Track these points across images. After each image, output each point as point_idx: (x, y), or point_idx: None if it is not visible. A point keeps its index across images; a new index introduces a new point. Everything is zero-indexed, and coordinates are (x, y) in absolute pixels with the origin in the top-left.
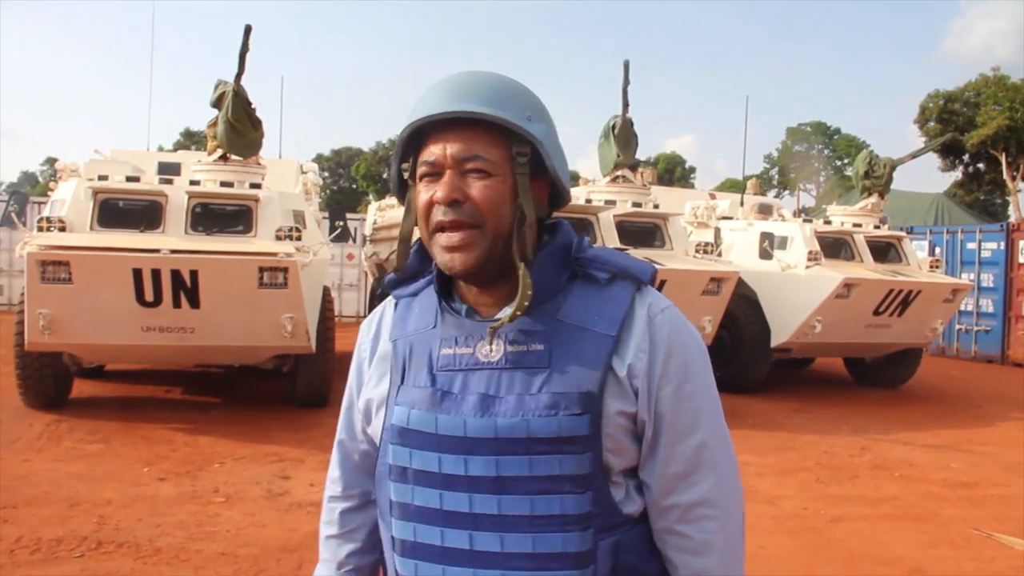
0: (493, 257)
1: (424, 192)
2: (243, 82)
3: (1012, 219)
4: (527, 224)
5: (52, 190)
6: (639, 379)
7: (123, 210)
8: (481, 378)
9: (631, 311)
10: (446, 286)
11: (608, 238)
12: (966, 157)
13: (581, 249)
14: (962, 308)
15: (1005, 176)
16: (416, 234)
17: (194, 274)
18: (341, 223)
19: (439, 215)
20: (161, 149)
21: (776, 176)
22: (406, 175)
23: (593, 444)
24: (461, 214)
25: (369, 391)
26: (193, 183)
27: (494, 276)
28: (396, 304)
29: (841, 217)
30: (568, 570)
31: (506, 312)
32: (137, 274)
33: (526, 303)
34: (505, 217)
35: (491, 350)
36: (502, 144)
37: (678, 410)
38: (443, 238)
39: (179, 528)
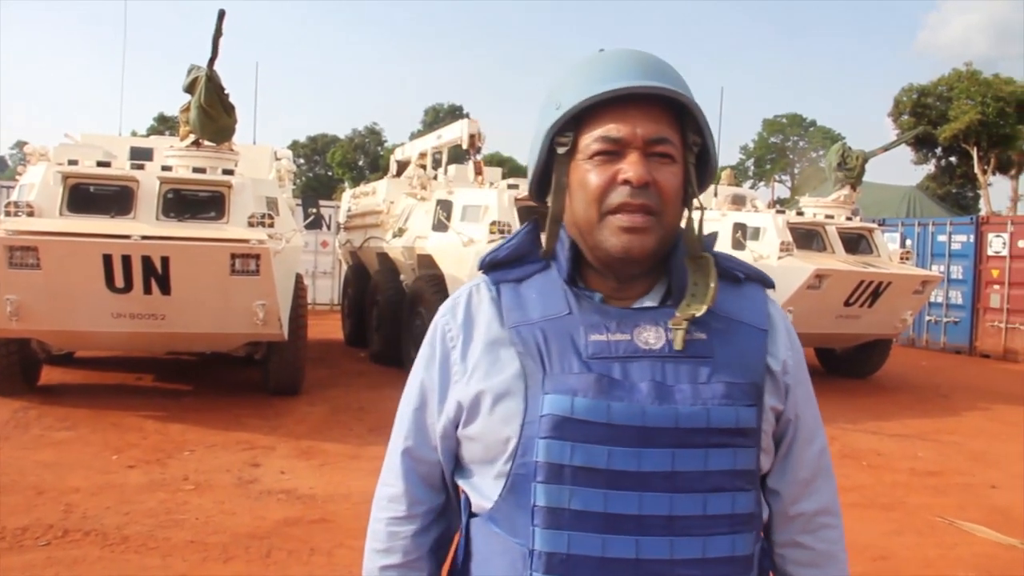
0: (662, 247)
1: (597, 170)
2: (216, 67)
3: (983, 212)
4: (699, 218)
5: (21, 174)
6: (790, 376)
7: (93, 195)
8: (644, 367)
9: (770, 311)
10: (572, 272)
11: None
12: (939, 150)
13: (711, 248)
14: (932, 300)
15: (976, 170)
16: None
17: (165, 260)
18: (314, 210)
19: (623, 196)
20: (135, 134)
21: (752, 167)
22: (562, 150)
23: (758, 439)
24: (648, 198)
25: (475, 383)
26: (165, 168)
27: (646, 270)
28: (497, 290)
29: (813, 208)
30: None
31: (698, 306)
32: (107, 260)
33: (715, 295)
34: (678, 206)
35: (651, 336)
36: (678, 129)
37: (807, 413)
38: (623, 219)
39: (148, 516)
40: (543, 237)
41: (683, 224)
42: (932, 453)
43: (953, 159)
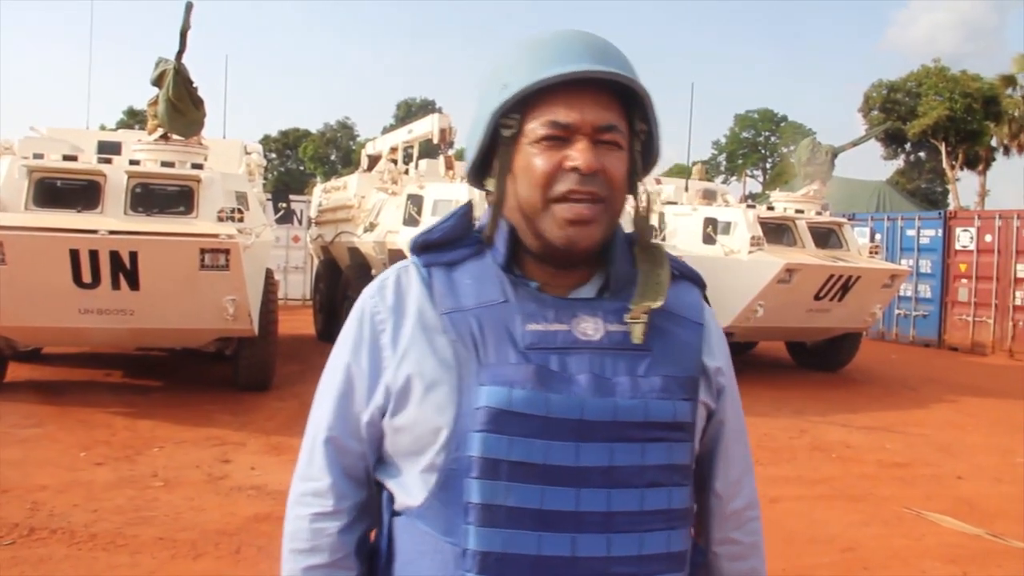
0: (605, 237)
1: (543, 156)
2: (185, 60)
3: (951, 207)
4: (647, 207)
5: None
6: (724, 377)
7: (60, 189)
8: (583, 359)
9: (702, 310)
10: (509, 258)
11: None
12: (908, 146)
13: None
14: (901, 293)
15: (945, 165)
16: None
17: (133, 255)
18: (285, 205)
19: (571, 183)
20: (103, 128)
21: (724, 162)
22: (507, 133)
23: (693, 434)
24: (596, 186)
25: (406, 368)
26: (133, 163)
27: (590, 258)
28: (428, 272)
29: (784, 203)
30: (669, 573)
31: (651, 298)
32: (74, 255)
33: (667, 286)
34: (623, 195)
35: (589, 327)
36: (626, 117)
37: (736, 414)
38: (569, 210)
39: (116, 513)
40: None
41: (635, 213)
42: (900, 445)
43: (922, 154)
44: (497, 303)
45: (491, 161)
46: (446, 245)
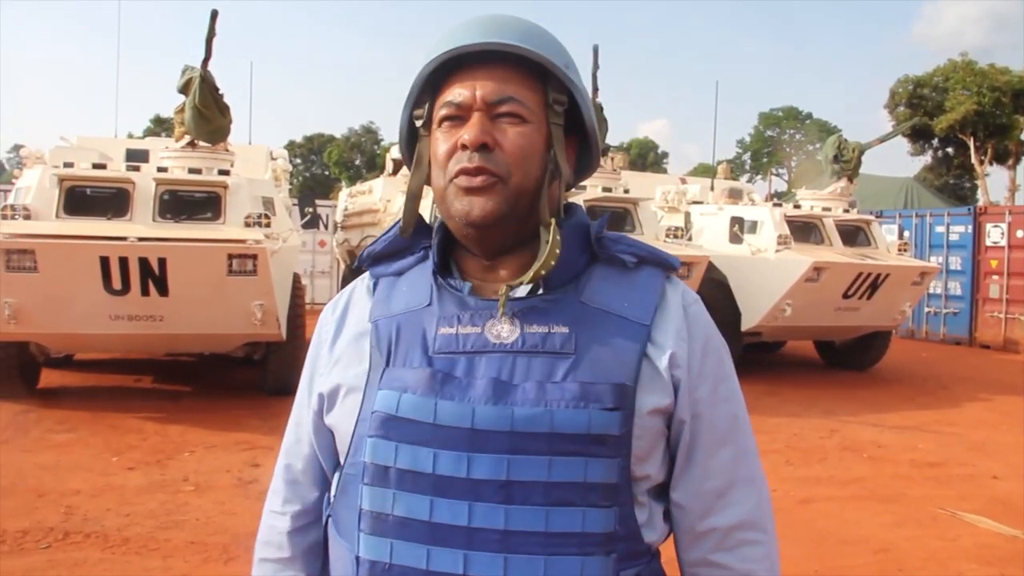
0: (515, 212)
1: (444, 139)
2: (210, 68)
3: (980, 203)
4: (561, 180)
5: (17, 178)
6: (681, 369)
7: (90, 197)
8: (492, 362)
9: (663, 299)
10: (444, 261)
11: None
12: (935, 141)
13: (602, 231)
14: (931, 291)
15: (973, 160)
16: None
17: (162, 262)
18: (311, 209)
19: (462, 161)
20: (131, 136)
21: (748, 161)
22: (419, 123)
23: (623, 448)
24: (488, 162)
25: (335, 375)
26: (161, 170)
27: (510, 241)
28: (375, 284)
29: (811, 201)
30: None
31: (527, 274)
32: (104, 262)
33: (553, 262)
34: (533, 171)
35: (504, 330)
36: (538, 89)
37: (715, 414)
38: (463, 180)
39: (148, 517)
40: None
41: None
42: (933, 444)
43: (950, 150)
44: (420, 307)
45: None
46: (394, 255)
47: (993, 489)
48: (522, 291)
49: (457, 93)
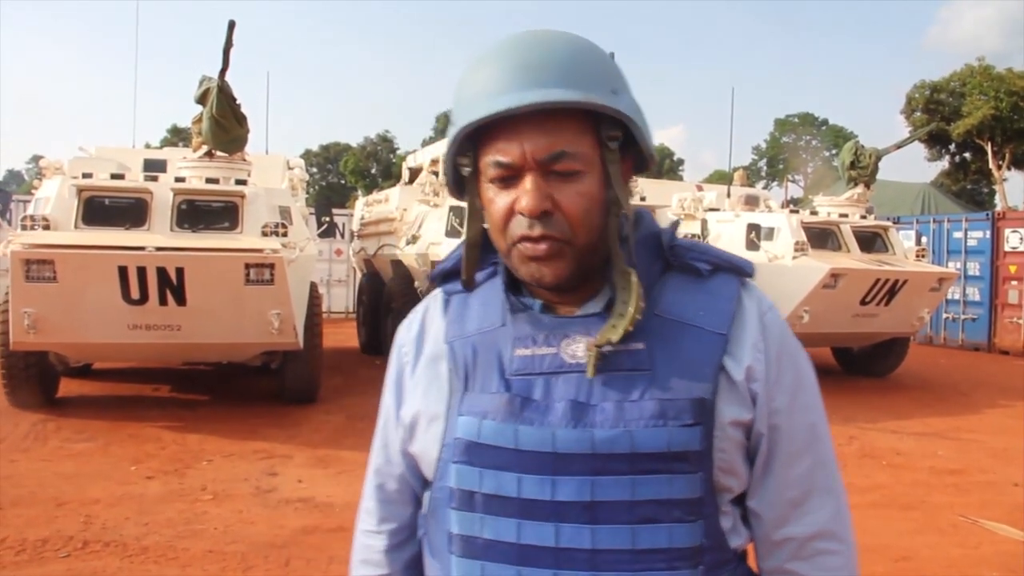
0: (584, 266)
1: (499, 198)
2: (228, 78)
3: (998, 208)
4: (628, 222)
5: (36, 188)
6: (759, 383)
7: (108, 208)
8: (569, 383)
9: (740, 307)
10: (513, 279)
11: None
12: (952, 147)
13: (674, 238)
14: (949, 297)
15: (991, 165)
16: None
17: (180, 271)
18: (328, 218)
19: (523, 228)
20: (148, 146)
21: (765, 167)
22: (465, 172)
23: (705, 462)
24: (550, 227)
25: (416, 402)
26: (178, 180)
27: (582, 280)
28: (447, 301)
29: (827, 207)
30: None
31: (612, 330)
32: (123, 272)
33: (639, 316)
34: (596, 222)
35: (580, 349)
36: (589, 130)
37: (793, 424)
38: (528, 248)
39: (167, 526)
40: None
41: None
42: (953, 451)
43: (967, 155)
44: (495, 328)
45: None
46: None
47: (1014, 496)
48: (595, 307)
49: (504, 151)
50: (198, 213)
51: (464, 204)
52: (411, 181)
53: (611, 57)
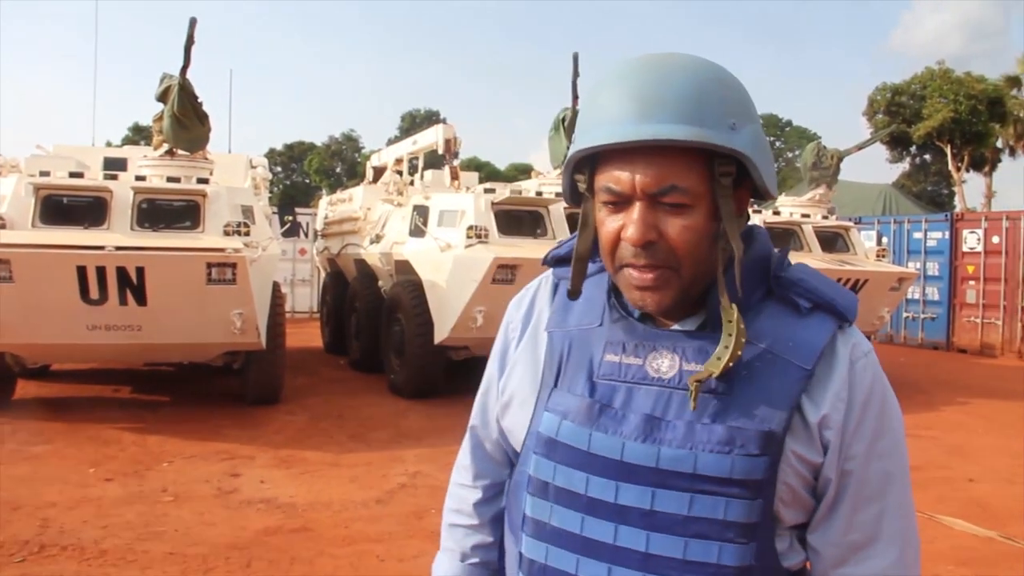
0: (689, 295)
1: (609, 220)
2: (189, 75)
3: (957, 209)
4: (736, 260)
5: None
6: (832, 432)
7: (67, 207)
8: (648, 395)
9: (832, 349)
10: (613, 285)
11: (559, 230)
12: (913, 148)
13: (782, 267)
14: (909, 296)
15: (950, 167)
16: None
17: (140, 271)
18: (291, 218)
19: (629, 255)
20: (109, 144)
21: None
22: (581, 187)
23: (766, 491)
24: (655, 257)
25: (514, 382)
26: (139, 178)
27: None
28: (556, 286)
29: (790, 208)
30: None
31: (715, 363)
32: (81, 272)
33: (739, 352)
34: (704, 254)
35: (664, 364)
36: (701, 164)
37: (867, 471)
38: (634, 276)
39: (126, 529)
40: None
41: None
42: (910, 448)
43: (927, 157)
44: (592, 327)
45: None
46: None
47: (969, 492)
48: (691, 324)
49: (616, 179)
50: (159, 212)
51: (428, 204)
52: (375, 180)
53: (738, 86)
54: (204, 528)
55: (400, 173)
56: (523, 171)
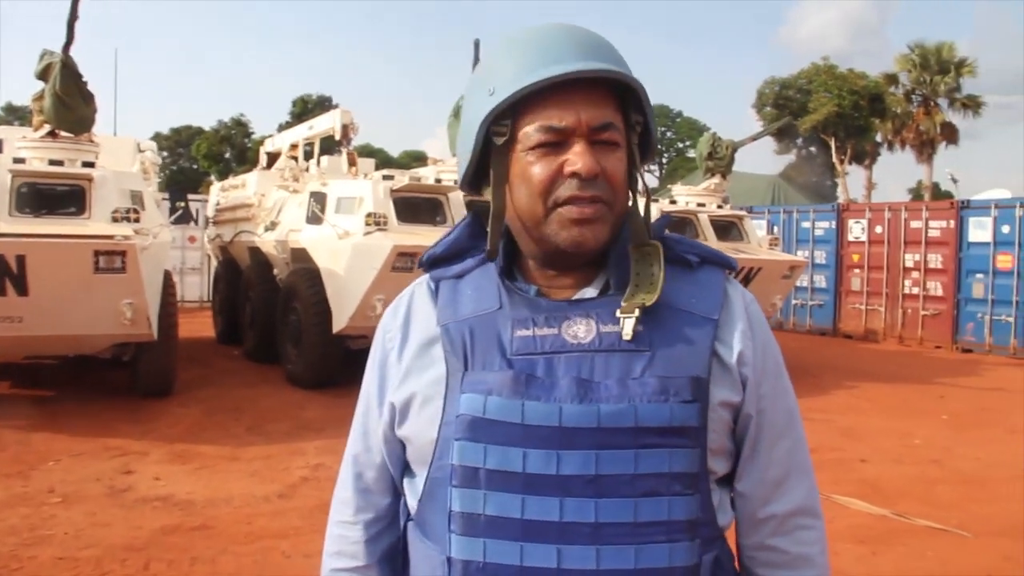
0: (613, 235)
1: (542, 163)
2: (73, 53)
3: (841, 200)
4: (645, 200)
5: None
6: (748, 367)
7: None
8: (571, 362)
9: (726, 297)
10: (506, 266)
11: (458, 218)
12: (799, 141)
13: (663, 230)
14: (798, 284)
15: (834, 159)
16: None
17: (21, 259)
18: (182, 204)
19: (572, 189)
20: None
21: None
22: (500, 140)
23: (701, 438)
24: (598, 189)
25: (408, 385)
26: (18, 161)
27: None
28: (435, 288)
29: (686, 197)
30: None
31: (649, 294)
32: None
33: (658, 290)
34: (625, 195)
35: (580, 330)
36: (621, 111)
37: (775, 408)
38: (574, 211)
39: (9, 534)
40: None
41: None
42: (806, 431)
43: (813, 149)
44: (492, 311)
45: (486, 169)
46: (453, 258)
47: (862, 472)
48: (591, 292)
49: (558, 117)
50: (41, 197)
51: (326, 191)
52: (269, 166)
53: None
54: (96, 529)
55: (295, 159)
56: (417, 158)
